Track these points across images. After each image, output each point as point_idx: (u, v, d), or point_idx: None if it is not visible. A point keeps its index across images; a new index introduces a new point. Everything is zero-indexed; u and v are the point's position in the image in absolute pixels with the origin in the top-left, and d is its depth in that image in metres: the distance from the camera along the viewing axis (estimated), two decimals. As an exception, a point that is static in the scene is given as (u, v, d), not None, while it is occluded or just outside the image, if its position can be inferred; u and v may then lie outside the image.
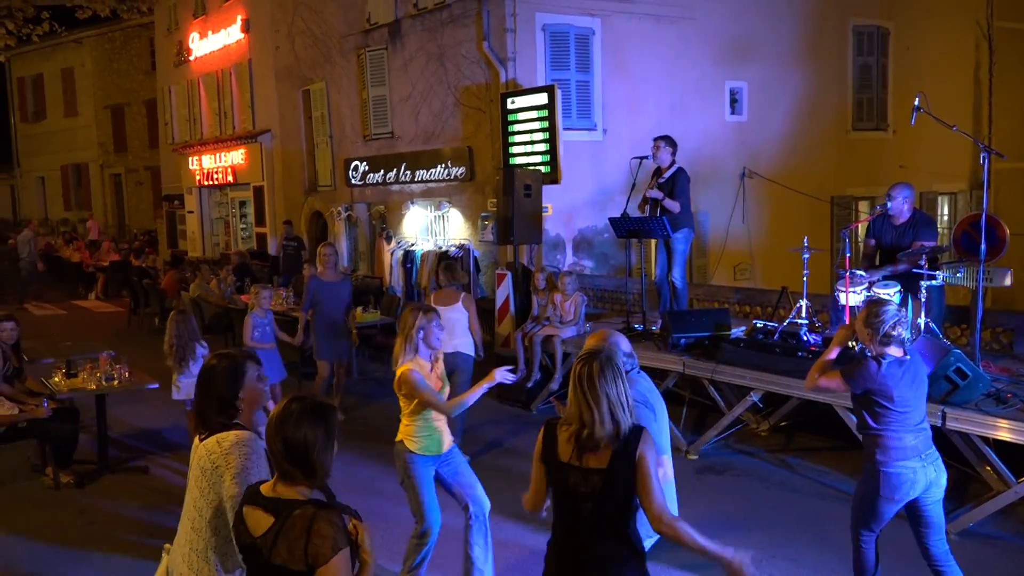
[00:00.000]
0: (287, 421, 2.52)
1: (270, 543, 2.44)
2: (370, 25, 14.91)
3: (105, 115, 29.61)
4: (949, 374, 5.27)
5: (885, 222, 6.87)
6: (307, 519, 2.41)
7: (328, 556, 2.38)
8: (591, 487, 2.88)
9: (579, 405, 2.92)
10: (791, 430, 7.76)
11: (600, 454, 2.88)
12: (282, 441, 2.50)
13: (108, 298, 18.49)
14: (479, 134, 12.87)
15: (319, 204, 17.26)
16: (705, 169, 12.69)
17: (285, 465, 2.51)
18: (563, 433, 2.98)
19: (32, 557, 5.59)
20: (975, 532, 5.40)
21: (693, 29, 13.32)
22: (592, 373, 2.92)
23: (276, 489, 2.54)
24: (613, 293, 10.40)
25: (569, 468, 2.93)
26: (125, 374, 7.21)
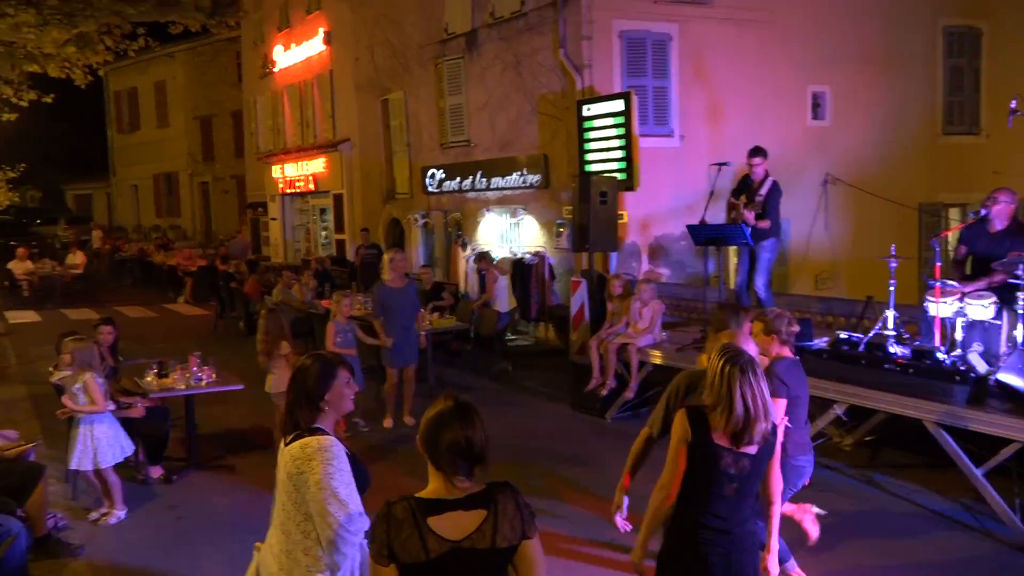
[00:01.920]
0: (460, 423, 2.57)
1: (491, 532, 2.51)
2: (447, 35, 15.12)
3: (194, 126, 30.79)
4: (1049, 390, 5.02)
5: (980, 230, 6.60)
6: (512, 497, 2.59)
7: (534, 524, 2.60)
8: (740, 470, 3.16)
9: (737, 399, 3.12)
10: (877, 445, 7.51)
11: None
12: (465, 441, 2.54)
13: (196, 302, 19.20)
14: (555, 141, 12.90)
15: (396, 211, 17.56)
16: (786, 175, 12.30)
17: (460, 464, 2.54)
18: (715, 419, 3.18)
19: (125, 548, 5.84)
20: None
21: (774, 33, 13.07)
22: (748, 370, 3.15)
23: (458, 487, 2.55)
24: (690, 302, 10.25)
25: (724, 450, 3.17)
26: (212, 375, 7.47)
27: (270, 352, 7.15)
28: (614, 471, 7.14)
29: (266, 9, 22.84)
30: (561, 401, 9.48)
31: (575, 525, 6.02)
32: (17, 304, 19.01)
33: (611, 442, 8.10)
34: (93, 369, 6.18)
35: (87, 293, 20.77)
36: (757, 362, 3.23)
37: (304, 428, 3.13)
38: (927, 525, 5.83)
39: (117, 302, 19.48)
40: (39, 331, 14.61)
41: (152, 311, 18.40)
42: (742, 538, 3.23)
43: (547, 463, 7.41)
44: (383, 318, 8.43)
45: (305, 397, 3.15)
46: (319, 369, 3.18)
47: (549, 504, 6.35)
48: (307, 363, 3.24)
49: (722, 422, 3.15)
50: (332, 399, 3.17)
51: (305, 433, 3.10)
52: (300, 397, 3.16)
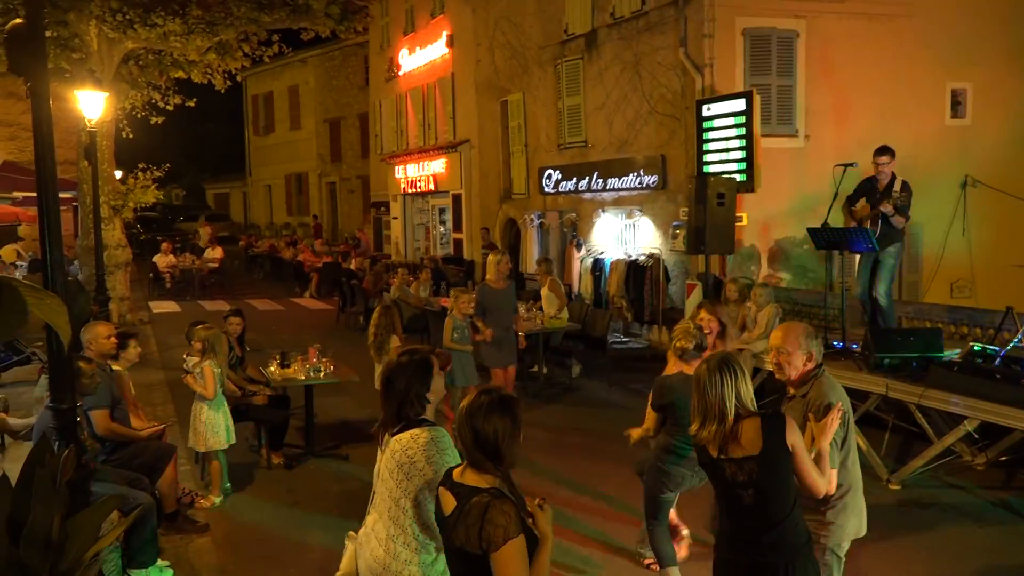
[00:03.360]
0: (477, 412, 2.71)
1: (452, 524, 2.64)
2: (567, 36, 15.14)
3: (324, 128, 32.12)
4: None
5: None
6: (482, 507, 2.56)
7: (499, 544, 2.52)
8: (748, 474, 3.15)
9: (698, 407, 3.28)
10: (1013, 466, 7.00)
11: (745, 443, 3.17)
12: (472, 431, 2.69)
13: (321, 297, 20.03)
14: (673, 142, 12.69)
15: (513, 211, 17.73)
16: (919, 177, 11.65)
17: (475, 453, 2.69)
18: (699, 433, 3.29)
19: (245, 528, 6.18)
20: None
21: (911, 27, 12.39)
22: (698, 374, 3.29)
23: (464, 475, 2.73)
24: (810, 308, 9.87)
25: (723, 460, 3.22)
26: (331, 367, 7.77)
27: (380, 346, 7.35)
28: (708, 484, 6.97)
29: (392, 14, 23.57)
30: (671, 405, 9.30)
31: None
32: (160, 295, 20.42)
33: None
34: (215, 356, 6.54)
35: (222, 286, 22.06)
36: (724, 360, 3.25)
37: (411, 420, 3.25)
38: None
39: (248, 295, 20.58)
40: (178, 321, 15.61)
41: (279, 304, 19.33)
42: (782, 540, 3.16)
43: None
44: (483, 317, 8.49)
45: (406, 393, 3.26)
46: (417, 365, 3.30)
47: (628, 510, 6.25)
48: (404, 360, 3.33)
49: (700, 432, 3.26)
50: (434, 390, 3.32)
51: (413, 425, 3.22)
52: (402, 394, 3.26)
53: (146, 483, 5.57)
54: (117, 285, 15.07)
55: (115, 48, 14.51)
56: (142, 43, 14.70)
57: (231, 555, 5.76)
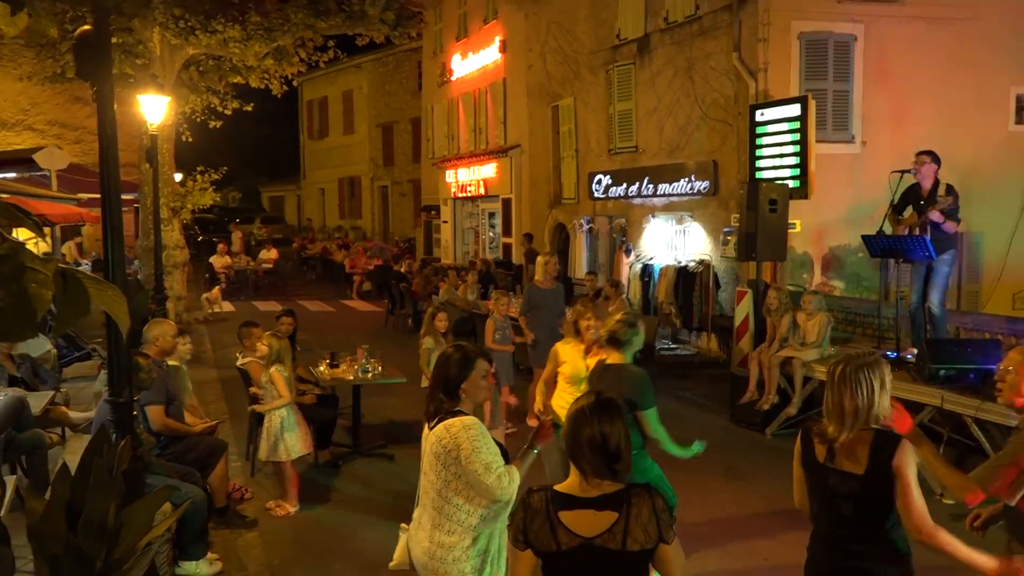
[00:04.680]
0: (596, 418, 2.64)
1: (622, 534, 2.53)
2: (619, 41, 15.11)
3: (376, 132, 32.54)
4: None
5: None
6: (648, 501, 2.57)
7: (673, 528, 2.60)
8: (850, 489, 3.00)
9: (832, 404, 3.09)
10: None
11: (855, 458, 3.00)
12: (600, 435, 2.61)
13: (371, 299, 20.29)
14: (725, 147, 12.57)
15: (562, 216, 17.73)
16: (982, 184, 11.42)
17: (597, 465, 2.60)
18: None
19: (292, 524, 6.29)
20: None
21: (974, 31, 12.07)
22: (843, 373, 3.06)
23: (592, 485, 2.61)
24: (864, 317, 9.66)
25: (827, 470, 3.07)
26: (379, 368, 7.88)
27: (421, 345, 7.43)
28: (768, 488, 6.88)
29: (445, 20, 23.78)
30: (719, 413, 9.22)
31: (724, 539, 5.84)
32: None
33: (768, 458, 7.79)
34: (281, 362, 6.59)
35: (275, 287, 22.49)
36: (875, 364, 3.11)
37: (446, 412, 3.34)
38: None
39: (300, 296, 20.94)
40: (233, 320, 15.97)
41: (330, 306, 19.63)
42: (877, 550, 3.04)
43: (703, 475, 7.23)
44: (528, 315, 8.56)
45: (445, 384, 3.38)
46: (459, 359, 3.41)
47: (699, 513, 6.21)
48: (450, 352, 3.48)
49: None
50: (468, 388, 3.39)
51: (447, 416, 3.32)
52: (441, 384, 3.39)
53: (198, 477, 5.72)
54: (175, 284, 15.47)
55: (177, 54, 14.93)
56: (202, 49, 15.10)
57: (278, 551, 5.87)
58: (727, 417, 9.05)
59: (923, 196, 7.40)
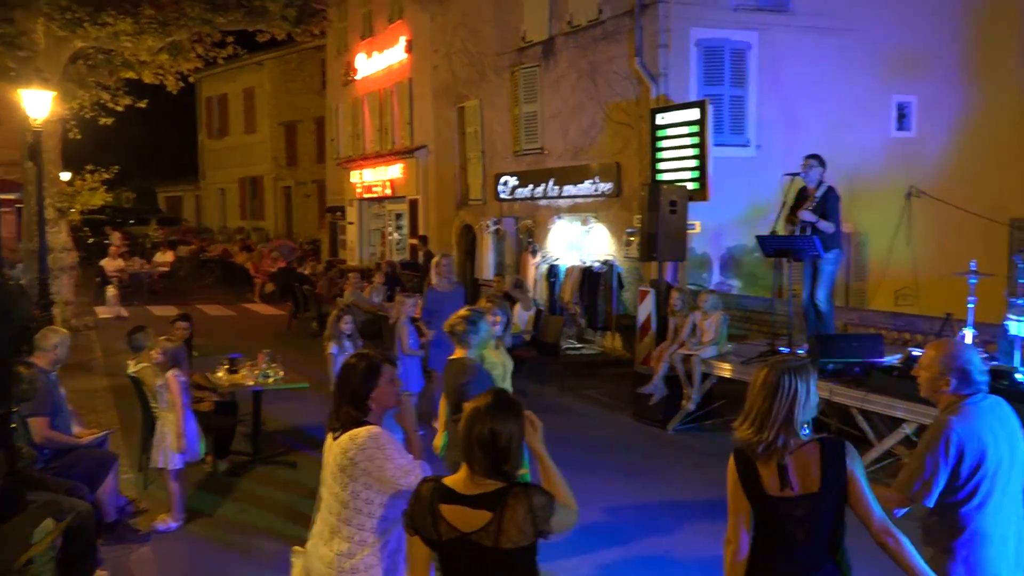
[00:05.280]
0: (485, 419, 2.65)
1: (495, 533, 2.55)
2: (524, 43, 15.22)
3: (279, 131, 31.79)
4: None
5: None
6: (526, 501, 2.57)
7: (551, 517, 2.61)
8: (804, 511, 2.79)
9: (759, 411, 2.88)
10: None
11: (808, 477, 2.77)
12: (480, 439, 2.62)
13: (274, 303, 19.78)
14: (627, 150, 12.82)
15: (469, 217, 17.73)
16: (866, 188, 12.04)
17: (483, 461, 2.62)
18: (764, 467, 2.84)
19: (188, 537, 6.05)
20: None
21: (857, 41, 12.69)
22: (766, 381, 2.85)
23: (474, 484, 2.63)
24: (759, 314, 10.03)
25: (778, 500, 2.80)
26: (280, 373, 7.67)
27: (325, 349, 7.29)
28: (670, 483, 7.05)
29: (350, 18, 23.43)
30: (623, 412, 9.39)
31: (626, 535, 5.95)
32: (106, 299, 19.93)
33: (669, 454, 7.99)
34: (179, 368, 6.32)
35: (172, 291, 21.66)
36: (804, 366, 2.90)
37: (351, 422, 3.25)
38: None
39: (199, 300, 20.24)
40: (125, 326, 15.28)
41: (231, 310, 19.04)
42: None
43: (605, 472, 7.35)
44: (428, 319, 8.48)
45: (352, 395, 3.28)
46: (364, 368, 3.31)
47: (601, 510, 6.30)
48: (353, 362, 3.37)
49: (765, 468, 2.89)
50: (377, 396, 3.30)
51: (352, 426, 3.24)
52: (347, 395, 3.29)
53: (85, 491, 5.43)
54: (62, 289, 14.70)
55: (63, 47, 14.19)
56: (91, 42, 14.40)
57: (173, 565, 5.65)
58: (630, 415, 9.23)
59: (809, 197, 7.73)
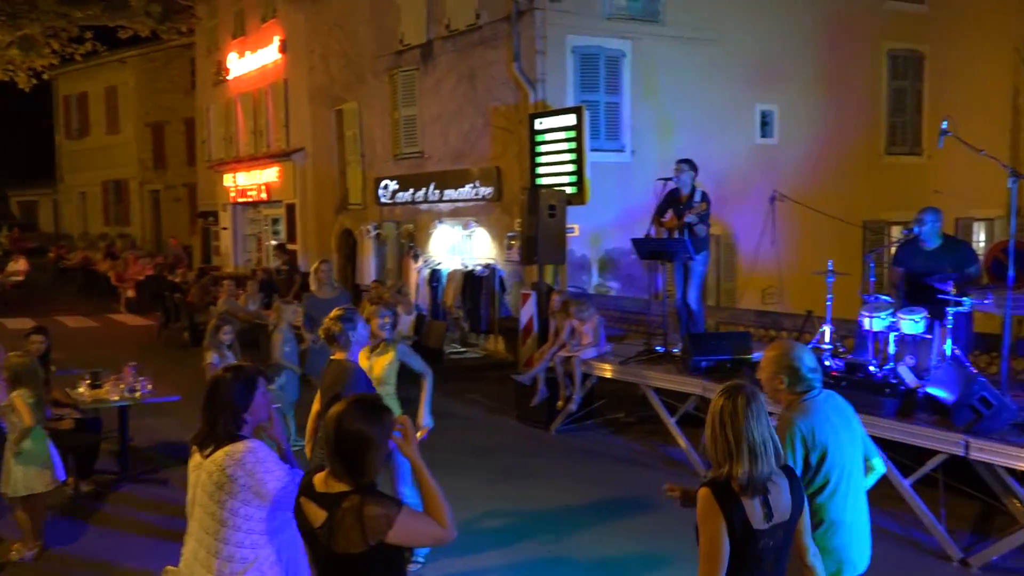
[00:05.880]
0: (344, 419, 2.63)
1: (327, 535, 2.56)
2: (403, 46, 15.10)
3: (146, 133, 30.27)
4: (973, 403, 5.13)
5: (914, 249, 6.75)
6: (356, 509, 2.54)
7: (386, 529, 2.53)
8: (776, 541, 2.73)
9: (722, 445, 2.72)
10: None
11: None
12: (336, 438, 2.61)
13: (141, 312, 18.79)
14: (507, 154, 12.93)
15: (349, 222, 17.43)
16: (734, 192, 12.60)
17: (336, 462, 2.62)
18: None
19: (49, 565, 5.65)
20: (998, 565, 5.23)
21: (723, 52, 13.29)
22: (735, 410, 2.69)
23: (327, 483, 2.64)
24: (636, 315, 10.32)
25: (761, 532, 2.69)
26: (148, 387, 7.30)
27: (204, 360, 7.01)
28: (553, 484, 7.15)
29: (220, 16, 22.58)
30: (506, 414, 9.45)
31: (511, 537, 5.98)
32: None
33: (552, 455, 8.10)
34: (31, 386, 5.84)
35: (26, 302, 20.20)
36: (759, 397, 2.80)
37: (225, 438, 3.16)
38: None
39: (59, 311, 18.99)
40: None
41: (94, 321, 17.97)
42: None
43: (489, 475, 7.38)
44: (309, 327, 8.27)
45: (225, 410, 3.19)
46: (239, 382, 3.24)
47: (485, 514, 6.32)
48: (226, 376, 3.27)
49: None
50: (254, 410, 3.24)
51: (227, 442, 3.14)
52: (221, 410, 3.19)
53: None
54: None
55: None
56: (-71, 34, 13.32)
57: (31, 595, 5.26)
58: (514, 417, 9.30)
59: (682, 201, 8.02)
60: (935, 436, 5.31)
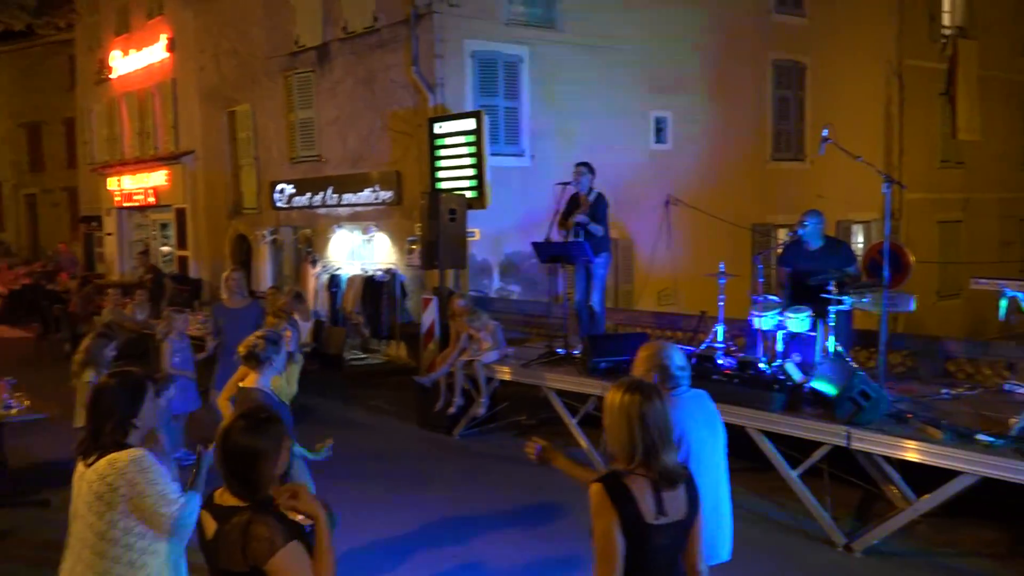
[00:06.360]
0: (231, 434, 2.57)
1: (214, 548, 2.52)
2: (297, 47, 14.79)
3: (20, 133, 28.60)
4: (854, 396, 5.41)
5: (798, 250, 7.07)
6: (243, 525, 2.46)
7: (267, 556, 2.41)
8: (672, 538, 2.72)
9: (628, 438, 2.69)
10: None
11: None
12: (227, 453, 2.56)
13: (16, 323, 17.68)
14: (407, 158, 12.84)
15: (243, 227, 16.93)
16: (631, 196, 12.90)
17: (229, 478, 2.57)
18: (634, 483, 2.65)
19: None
20: (878, 548, 5.54)
21: (619, 59, 13.60)
22: (644, 403, 2.71)
23: (223, 496, 2.60)
24: (538, 318, 10.42)
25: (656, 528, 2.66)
26: (25, 403, 6.88)
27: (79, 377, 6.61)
28: (457, 490, 7.13)
29: (102, 12, 21.53)
30: (409, 420, 9.37)
31: (415, 544, 5.93)
32: None
33: (456, 460, 8.08)
34: None
35: None
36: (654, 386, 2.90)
37: (110, 446, 3.05)
38: (748, 524, 6.13)
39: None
40: None
41: (-34, 333, 16.83)
42: None
43: (391, 483, 7.29)
44: (216, 337, 8.02)
45: (111, 417, 3.07)
46: (125, 388, 3.13)
47: (388, 524, 6.24)
48: (111, 382, 3.15)
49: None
50: (142, 417, 3.13)
51: (112, 450, 3.03)
52: (107, 417, 3.07)
53: None
54: None
55: None
56: None
57: None
58: (416, 423, 9.23)
59: (582, 204, 8.15)
60: (820, 428, 5.58)
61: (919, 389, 6.40)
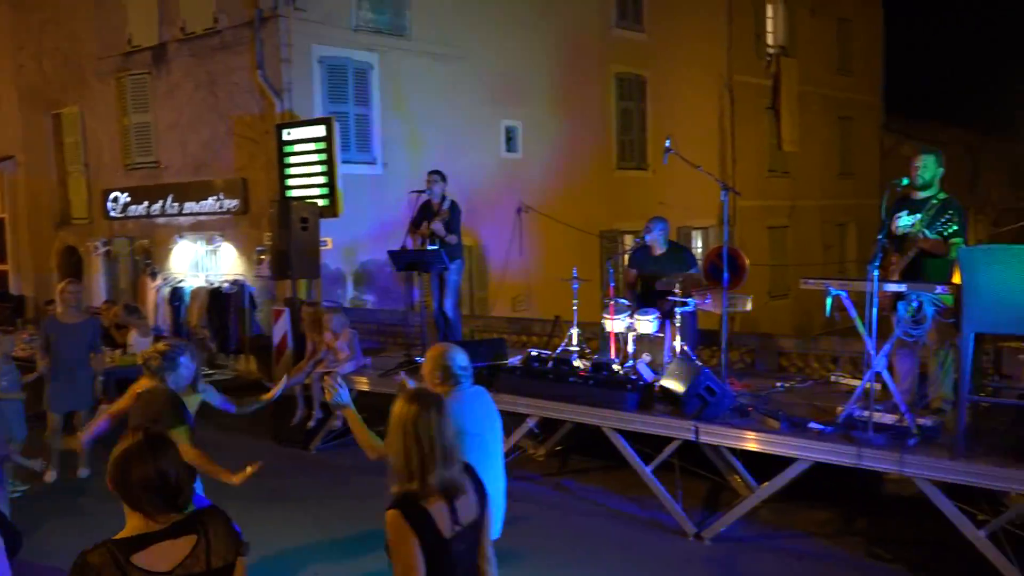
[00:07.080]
0: (151, 456, 2.46)
1: (205, 554, 2.44)
2: (131, 47, 13.97)
3: None
4: (700, 392, 5.72)
5: (644, 254, 7.41)
6: (221, 518, 2.55)
7: (245, 543, 2.59)
8: (468, 543, 2.77)
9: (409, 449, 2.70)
10: (566, 453, 8.07)
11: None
12: (155, 473, 2.42)
13: None
14: (254, 165, 12.41)
15: (72, 238, 15.78)
16: (483, 204, 13.05)
17: (156, 499, 2.42)
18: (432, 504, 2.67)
19: None
20: (726, 536, 5.88)
21: (468, 68, 13.74)
22: (428, 416, 2.73)
23: (160, 521, 2.44)
24: (394, 327, 10.34)
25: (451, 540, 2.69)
26: None
27: None
28: (316, 505, 6.95)
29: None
30: (263, 437, 9.04)
31: (268, 566, 5.74)
32: None
33: (314, 475, 7.88)
34: None
35: None
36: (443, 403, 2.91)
37: None
38: (606, 521, 6.37)
39: None
40: None
41: None
42: None
43: (245, 501, 6.99)
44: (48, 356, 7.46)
45: None
46: None
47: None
48: None
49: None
50: None
51: None
52: None
53: None
54: None
55: None
56: None
57: None
58: (271, 438, 8.93)
59: (435, 211, 8.17)
60: (670, 425, 5.86)
61: (757, 384, 6.85)
